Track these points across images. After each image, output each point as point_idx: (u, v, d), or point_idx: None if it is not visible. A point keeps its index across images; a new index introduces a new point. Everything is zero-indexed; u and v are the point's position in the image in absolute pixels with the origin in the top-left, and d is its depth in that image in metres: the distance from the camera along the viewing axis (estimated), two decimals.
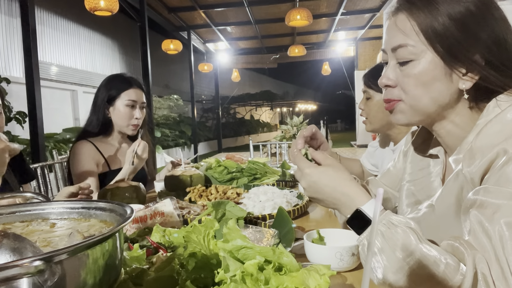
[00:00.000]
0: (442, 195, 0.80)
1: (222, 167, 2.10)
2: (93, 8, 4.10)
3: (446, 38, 0.70)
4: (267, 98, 23.49)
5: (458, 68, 0.72)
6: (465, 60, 0.71)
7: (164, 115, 12.51)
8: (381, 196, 0.41)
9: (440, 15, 0.71)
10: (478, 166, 0.67)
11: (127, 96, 1.91)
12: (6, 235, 0.51)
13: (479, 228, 0.62)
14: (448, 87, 0.73)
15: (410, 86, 0.76)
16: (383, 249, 0.64)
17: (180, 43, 7.71)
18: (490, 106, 0.72)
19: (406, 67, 0.75)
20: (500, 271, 0.58)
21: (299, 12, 5.74)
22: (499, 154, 0.64)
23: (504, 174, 0.62)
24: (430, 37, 0.72)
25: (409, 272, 0.61)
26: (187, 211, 1.33)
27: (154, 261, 0.76)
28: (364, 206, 0.73)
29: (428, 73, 0.73)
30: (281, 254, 0.63)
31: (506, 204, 0.60)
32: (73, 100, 9.61)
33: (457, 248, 0.63)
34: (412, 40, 0.73)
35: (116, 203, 0.70)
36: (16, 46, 7.94)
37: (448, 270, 0.60)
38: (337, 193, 0.77)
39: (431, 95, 0.74)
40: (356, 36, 10.34)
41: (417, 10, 0.73)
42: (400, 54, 0.75)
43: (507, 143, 0.64)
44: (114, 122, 1.95)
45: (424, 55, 0.73)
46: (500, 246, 0.59)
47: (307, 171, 0.80)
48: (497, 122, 0.68)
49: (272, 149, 4.46)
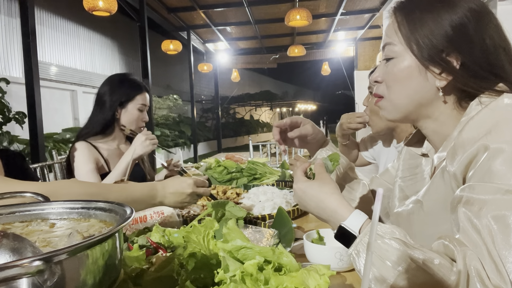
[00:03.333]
0: (429, 191, 0.81)
1: (221, 167, 2.10)
2: (91, 8, 4.09)
3: (420, 39, 0.75)
4: (266, 98, 23.49)
5: (432, 68, 0.75)
6: (439, 61, 0.74)
7: (163, 115, 12.50)
8: (380, 196, 0.41)
9: (418, 19, 0.76)
10: (459, 162, 0.69)
11: (141, 100, 1.97)
12: (6, 235, 0.51)
13: (468, 225, 0.63)
14: (424, 85, 0.77)
15: (390, 82, 0.81)
16: (372, 262, 0.64)
17: (180, 44, 7.70)
18: (473, 104, 0.74)
19: (388, 64, 0.81)
20: (494, 265, 0.58)
21: (299, 12, 5.74)
22: (479, 150, 0.65)
23: (488, 170, 0.63)
24: (407, 38, 0.77)
25: (403, 280, 0.61)
26: (186, 211, 1.33)
27: (153, 261, 0.76)
28: (347, 220, 0.73)
29: (404, 70, 0.78)
30: (280, 254, 0.63)
31: (492, 199, 0.61)
32: (73, 100, 9.60)
33: (447, 246, 0.63)
34: (395, 40, 0.79)
35: (115, 203, 0.70)
36: (15, 46, 7.93)
37: (442, 271, 0.59)
38: (320, 208, 0.80)
39: (408, 92, 0.79)
40: (355, 36, 10.34)
41: (400, 14, 0.79)
42: (386, 51, 0.81)
43: (487, 138, 0.65)
44: (123, 123, 1.97)
45: (403, 54, 0.78)
46: (491, 241, 0.59)
47: (295, 187, 0.85)
48: (478, 118, 0.70)
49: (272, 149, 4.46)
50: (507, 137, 0.64)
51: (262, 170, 2.09)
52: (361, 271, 0.67)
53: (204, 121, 17.29)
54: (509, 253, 0.57)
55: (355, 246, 0.69)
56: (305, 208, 0.84)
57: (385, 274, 0.62)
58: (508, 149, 0.62)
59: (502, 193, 0.61)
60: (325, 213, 0.79)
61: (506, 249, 0.58)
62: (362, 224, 0.72)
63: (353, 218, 0.73)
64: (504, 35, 0.76)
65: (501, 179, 0.61)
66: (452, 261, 0.61)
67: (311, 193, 0.81)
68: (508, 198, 0.60)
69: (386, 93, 0.83)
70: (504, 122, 0.66)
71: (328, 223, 0.80)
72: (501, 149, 0.63)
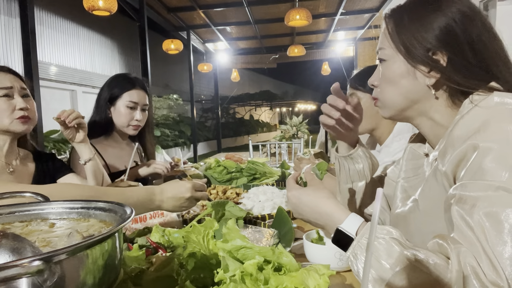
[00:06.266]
0: (424, 190, 0.82)
1: (221, 167, 2.10)
2: (91, 8, 4.09)
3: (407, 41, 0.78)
4: (266, 98, 23.49)
5: (420, 67, 0.77)
6: (426, 59, 0.76)
7: (163, 115, 12.50)
8: (380, 196, 0.41)
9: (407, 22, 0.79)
10: (449, 161, 0.70)
11: (129, 97, 1.88)
12: (5, 235, 0.51)
13: (462, 223, 0.63)
14: (414, 83, 0.79)
15: (383, 83, 0.85)
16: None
17: (181, 43, 7.69)
18: (465, 102, 0.75)
19: (382, 66, 0.85)
20: (489, 262, 0.58)
21: (299, 12, 5.73)
22: (468, 149, 0.66)
23: (479, 168, 0.64)
24: (396, 41, 0.80)
25: (400, 280, 0.61)
26: (186, 211, 1.33)
27: (153, 261, 0.76)
28: (343, 223, 0.73)
29: (395, 71, 0.81)
30: (280, 254, 0.63)
31: (483, 196, 0.62)
32: (73, 100, 9.59)
33: (441, 245, 0.63)
34: (385, 44, 0.83)
35: (115, 203, 0.70)
36: (15, 46, 7.93)
37: (438, 270, 0.60)
38: (316, 214, 0.80)
39: (399, 91, 0.82)
40: (355, 36, 10.34)
41: (389, 20, 0.83)
42: (379, 55, 0.86)
43: (476, 137, 0.66)
44: (114, 122, 1.93)
45: (394, 57, 0.81)
46: (484, 238, 0.60)
47: (289, 194, 0.86)
48: (468, 116, 0.71)
49: (272, 149, 4.46)
50: (496, 135, 0.65)
51: (262, 170, 2.09)
52: (359, 274, 0.67)
53: (204, 121, 17.29)
54: (503, 249, 0.58)
55: (352, 249, 0.69)
56: (300, 215, 0.84)
57: (383, 275, 0.62)
58: (496, 147, 0.63)
59: (493, 190, 0.61)
60: (322, 218, 0.79)
61: (499, 245, 0.58)
62: (358, 226, 0.72)
63: (349, 221, 0.73)
64: (494, 34, 0.77)
65: (492, 176, 0.62)
66: (447, 260, 0.61)
67: (306, 199, 0.82)
68: (499, 195, 0.61)
69: (380, 93, 0.87)
70: (493, 120, 0.67)
71: (325, 228, 0.80)
72: (490, 148, 0.64)
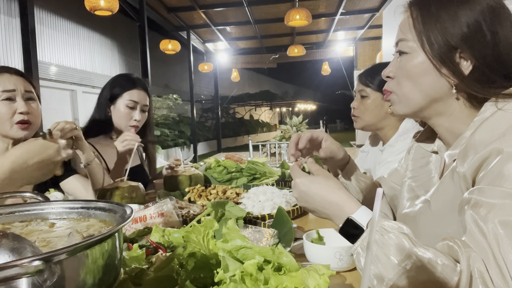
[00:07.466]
0: (438, 191, 0.80)
1: (221, 167, 2.10)
2: (93, 8, 4.10)
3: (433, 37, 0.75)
4: (266, 98, 23.49)
5: (443, 68, 0.75)
6: (449, 62, 0.74)
7: (163, 115, 12.50)
8: (380, 196, 0.41)
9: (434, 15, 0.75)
10: (470, 164, 0.68)
11: (129, 96, 1.89)
12: (5, 235, 0.51)
13: (475, 228, 0.62)
14: (437, 81, 0.77)
15: (402, 77, 0.81)
16: (378, 257, 0.63)
17: (178, 43, 7.70)
18: (487, 104, 0.73)
19: (402, 58, 0.80)
20: (498, 269, 0.58)
21: (299, 12, 5.74)
22: (492, 153, 0.65)
23: (499, 174, 0.63)
24: (421, 35, 0.76)
25: (406, 277, 0.61)
26: (186, 211, 1.33)
27: (153, 261, 0.76)
28: (354, 214, 0.72)
29: (418, 66, 0.78)
30: (280, 254, 0.63)
31: (500, 203, 0.61)
32: (73, 100, 9.59)
33: (452, 247, 0.63)
34: (409, 36, 0.79)
35: (115, 203, 0.70)
36: (15, 46, 7.93)
37: (445, 271, 0.59)
38: (326, 203, 0.78)
39: (421, 88, 0.79)
40: (355, 36, 10.34)
41: (415, 9, 0.79)
42: (400, 46, 0.81)
43: (501, 142, 0.64)
44: (114, 122, 1.94)
45: (417, 50, 0.77)
46: (496, 245, 0.59)
47: (297, 181, 0.83)
48: (492, 120, 0.69)
49: (272, 149, 4.46)
50: None
51: (261, 170, 2.09)
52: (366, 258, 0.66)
53: (204, 121, 17.28)
54: None
55: (361, 241, 0.67)
56: (306, 203, 0.81)
57: (389, 270, 0.62)
58: None
59: (511, 198, 0.60)
60: (331, 207, 0.77)
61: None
62: (369, 220, 0.71)
63: (360, 213, 0.72)
64: None
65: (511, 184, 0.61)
66: (455, 262, 0.61)
67: (317, 187, 0.79)
68: None
69: (396, 88, 0.83)
70: None
71: (331, 219, 0.78)
72: None
